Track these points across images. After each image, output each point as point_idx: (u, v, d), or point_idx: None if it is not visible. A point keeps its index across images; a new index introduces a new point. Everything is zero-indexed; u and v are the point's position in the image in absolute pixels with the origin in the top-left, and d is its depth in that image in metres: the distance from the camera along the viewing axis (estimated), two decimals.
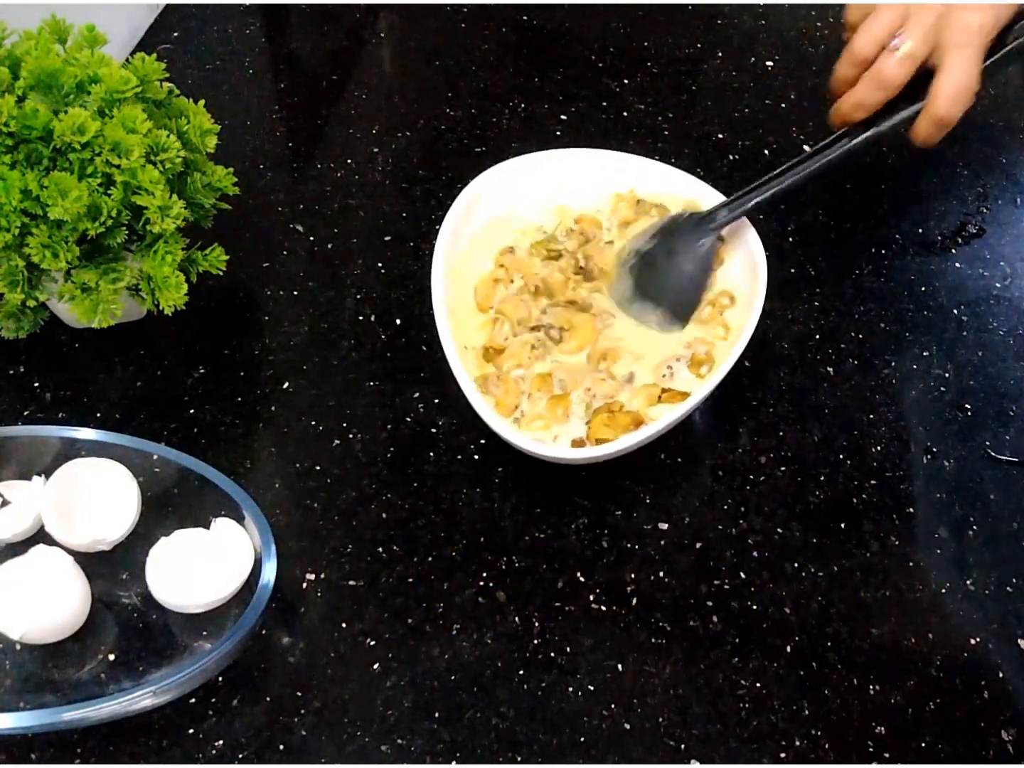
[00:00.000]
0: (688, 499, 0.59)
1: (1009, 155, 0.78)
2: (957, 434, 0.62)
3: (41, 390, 0.61)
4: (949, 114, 0.58)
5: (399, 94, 0.80)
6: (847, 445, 0.61)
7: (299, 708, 0.50)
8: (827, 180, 0.74)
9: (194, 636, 0.51)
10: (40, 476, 0.54)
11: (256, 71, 0.82)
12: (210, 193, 0.59)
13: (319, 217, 0.71)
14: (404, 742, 0.50)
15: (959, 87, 0.58)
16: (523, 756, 0.49)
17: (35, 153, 0.52)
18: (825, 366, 0.65)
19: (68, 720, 0.47)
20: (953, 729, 0.51)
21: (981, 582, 0.56)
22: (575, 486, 0.59)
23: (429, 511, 0.57)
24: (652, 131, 0.78)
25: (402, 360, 0.64)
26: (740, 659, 0.53)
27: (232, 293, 0.67)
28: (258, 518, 0.52)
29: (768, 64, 0.83)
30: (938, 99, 0.58)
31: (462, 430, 0.60)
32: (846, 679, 0.52)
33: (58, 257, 0.52)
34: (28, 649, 0.51)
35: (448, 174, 0.74)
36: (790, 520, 0.58)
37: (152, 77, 0.57)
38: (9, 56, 0.54)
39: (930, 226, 0.73)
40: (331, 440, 0.60)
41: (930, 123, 0.59)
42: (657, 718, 0.51)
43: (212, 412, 0.61)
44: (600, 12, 0.88)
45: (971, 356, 0.66)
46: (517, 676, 0.52)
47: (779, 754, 0.50)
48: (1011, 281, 0.70)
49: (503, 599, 0.54)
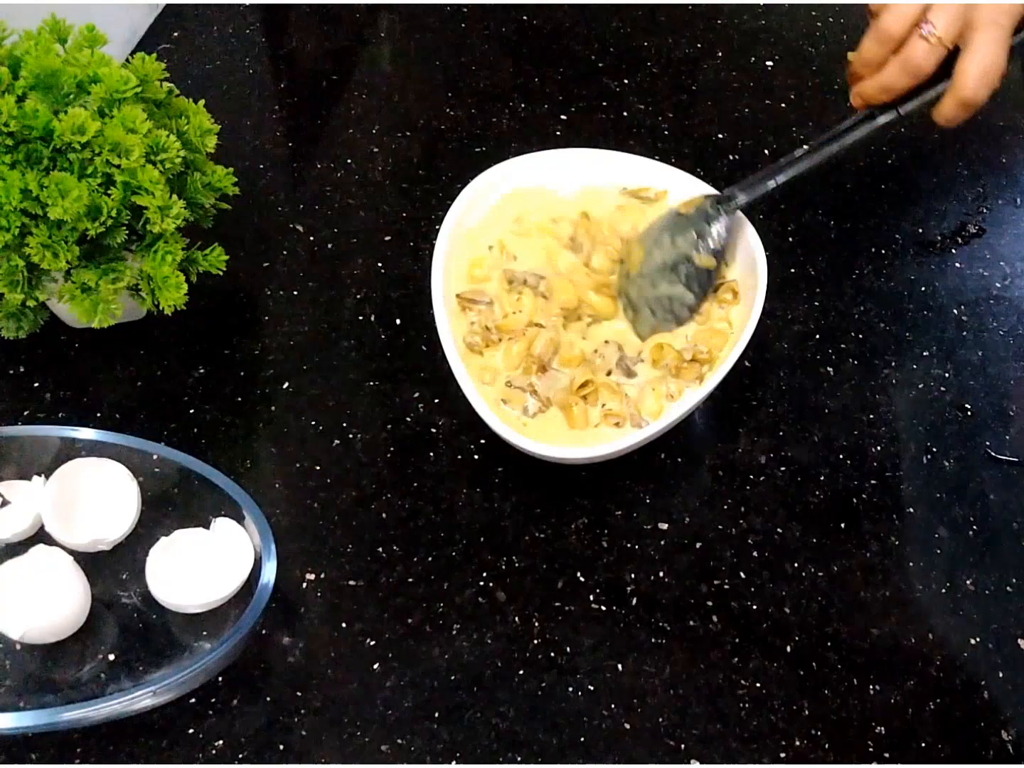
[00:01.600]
0: (688, 499, 0.59)
1: (1009, 155, 0.78)
2: (957, 434, 0.62)
3: (41, 390, 0.61)
4: (977, 96, 0.57)
5: (399, 94, 0.80)
6: (847, 445, 0.61)
7: (299, 708, 0.50)
8: (827, 180, 0.75)
9: (194, 636, 0.51)
10: (40, 476, 0.54)
11: (256, 71, 0.82)
12: (210, 193, 0.59)
13: (319, 217, 0.71)
14: (404, 742, 0.50)
15: (987, 68, 0.56)
16: (523, 756, 0.49)
17: (35, 153, 0.52)
18: (825, 366, 0.65)
19: (68, 720, 0.47)
20: (953, 729, 0.51)
21: (981, 582, 0.56)
22: (575, 486, 0.59)
23: (429, 511, 0.57)
24: (652, 131, 0.78)
25: (402, 360, 0.64)
26: (740, 659, 0.53)
27: (232, 293, 0.67)
28: (258, 518, 0.52)
29: (768, 64, 0.83)
30: (966, 80, 0.56)
31: (462, 430, 0.60)
32: (846, 679, 0.52)
33: (58, 257, 0.52)
34: (28, 649, 0.51)
35: (448, 174, 0.74)
36: (790, 520, 0.58)
37: (152, 77, 0.57)
38: (9, 56, 0.54)
39: (930, 226, 0.73)
40: (331, 440, 0.60)
41: (956, 104, 0.57)
42: (657, 718, 0.51)
43: (212, 412, 0.61)
44: (600, 12, 0.87)
45: (971, 356, 0.66)
46: (517, 676, 0.52)
47: (779, 754, 0.50)
48: (1011, 281, 0.70)
49: (503, 599, 0.54)
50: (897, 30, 0.57)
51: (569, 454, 0.55)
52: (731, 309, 0.61)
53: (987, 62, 0.56)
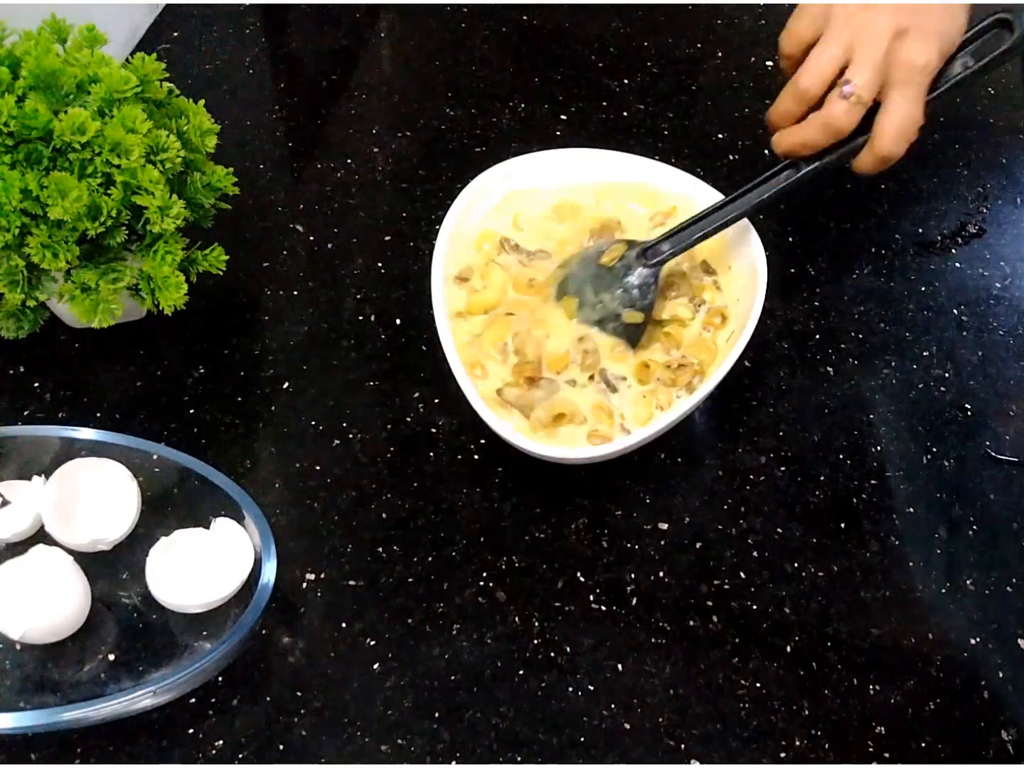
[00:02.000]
0: (688, 499, 0.59)
1: (1009, 155, 0.78)
2: (957, 434, 0.62)
3: (41, 390, 0.61)
4: (893, 152, 0.58)
5: (399, 94, 0.80)
6: (847, 445, 0.61)
7: (299, 708, 0.50)
8: (827, 180, 0.75)
9: (194, 636, 0.51)
10: (40, 476, 0.54)
11: (256, 71, 0.82)
12: (210, 193, 0.59)
13: (319, 217, 0.71)
14: (404, 742, 0.50)
15: (904, 125, 0.57)
16: (523, 756, 0.49)
17: (35, 153, 0.52)
18: (825, 366, 0.65)
19: (68, 720, 0.47)
20: (953, 729, 0.51)
21: (981, 582, 0.56)
22: (575, 486, 0.59)
23: (429, 511, 0.57)
24: (652, 131, 0.78)
25: (402, 360, 0.64)
26: (740, 659, 0.53)
27: (232, 293, 0.67)
28: (258, 518, 0.52)
29: (768, 64, 0.83)
30: (884, 137, 0.57)
31: (462, 430, 0.60)
32: (846, 679, 0.52)
33: (58, 257, 0.52)
34: (28, 649, 0.51)
35: (448, 174, 0.74)
36: (790, 520, 0.58)
37: (152, 77, 0.57)
38: (9, 56, 0.54)
39: (930, 226, 0.73)
40: (331, 440, 0.60)
41: (875, 159, 0.58)
42: (657, 718, 0.51)
43: (212, 412, 0.61)
44: (600, 12, 0.88)
45: (971, 356, 0.66)
46: (517, 676, 0.52)
47: (779, 754, 0.50)
48: (1011, 281, 0.70)
49: (503, 599, 0.54)
50: (815, 90, 0.58)
51: (569, 454, 0.55)
52: (718, 332, 0.61)
53: (905, 120, 0.57)
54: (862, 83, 0.56)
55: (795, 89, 0.59)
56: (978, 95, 0.82)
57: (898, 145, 0.57)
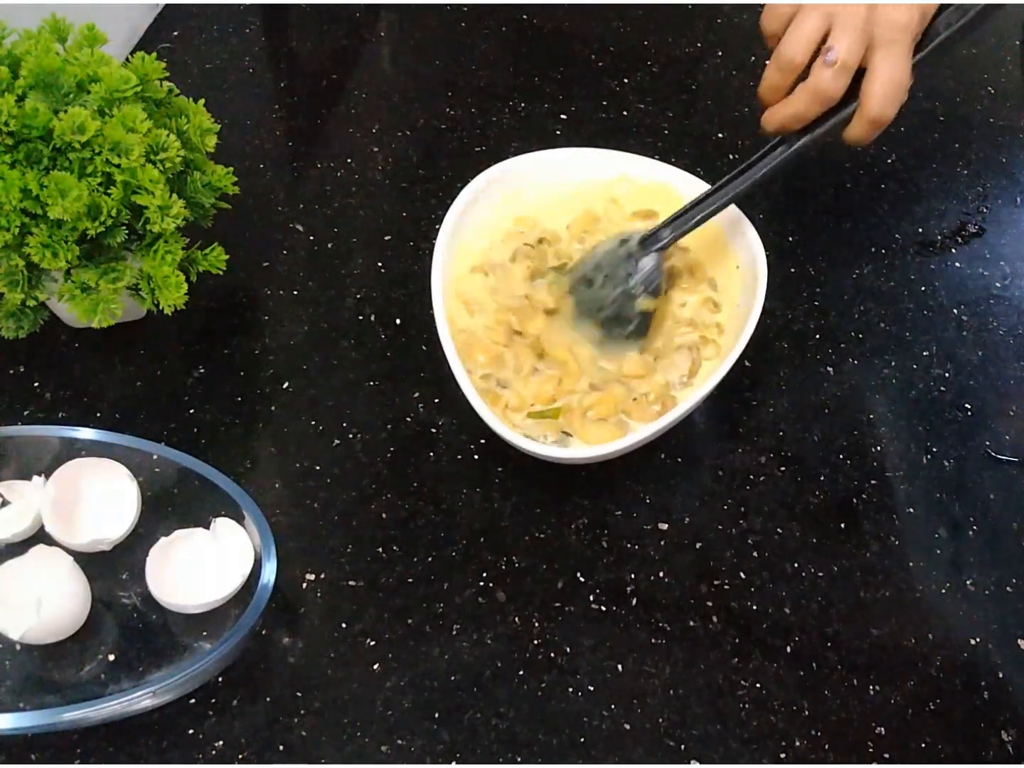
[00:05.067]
0: (688, 499, 0.59)
1: (1009, 155, 0.78)
2: (957, 434, 0.62)
3: (41, 390, 0.61)
4: (883, 114, 0.56)
5: (399, 94, 0.80)
6: (847, 445, 0.61)
7: (299, 708, 0.50)
8: (827, 180, 0.75)
9: (194, 636, 0.51)
10: (40, 476, 0.54)
11: (256, 71, 0.82)
12: (210, 193, 0.59)
13: (319, 217, 0.71)
14: (404, 742, 0.50)
15: (891, 86, 0.56)
16: (523, 756, 0.49)
17: (35, 152, 0.52)
18: (825, 366, 0.65)
19: (68, 720, 0.47)
20: (953, 729, 0.51)
21: (981, 582, 0.56)
22: (575, 486, 0.59)
23: (429, 511, 0.57)
24: (652, 131, 0.78)
25: (402, 360, 0.64)
26: (740, 659, 0.53)
27: (232, 293, 0.67)
28: (258, 518, 0.52)
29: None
30: (872, 99, 0.56)
31: (462, 430, 0.60)
32: (846, 679, 0.52)
33: (58, 257, 0.52)
34: (28, 649, 0.51)
35: (448, 174, 0.74)
36: (790, 520, 0.58)
37: (152, 76, 0.57)
38: (9, 56, 0.54)
39: (930, 226, 0.73)
40: (331, 440, 0.60)
41: (865, 124, 0.57)
42: (657, 718, 0.51)
43: (212, 412, 0.61)
44: (600, 12, 0.88)
45: (971, 356, 0.66)
46: (517, 676, 0.52)
47: (779, 754, 0.50)
48: (1011, 281, 0.70)
49: (503, 599, 0.54)
50: (799, 58, 0.57)
51: (569, 454, 0.55)
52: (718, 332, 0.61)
53: (892, 81, 0.56)
54: (845, 47, 0.55)
55: (778, 59, 0.58)
56: (978, 95, 0.82)
57: (887, 107, 0.56)
